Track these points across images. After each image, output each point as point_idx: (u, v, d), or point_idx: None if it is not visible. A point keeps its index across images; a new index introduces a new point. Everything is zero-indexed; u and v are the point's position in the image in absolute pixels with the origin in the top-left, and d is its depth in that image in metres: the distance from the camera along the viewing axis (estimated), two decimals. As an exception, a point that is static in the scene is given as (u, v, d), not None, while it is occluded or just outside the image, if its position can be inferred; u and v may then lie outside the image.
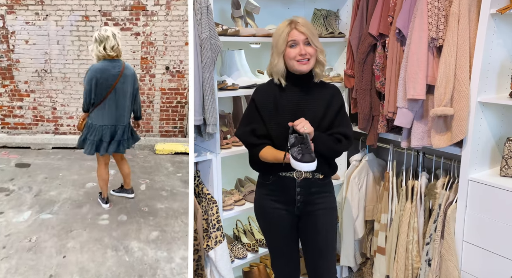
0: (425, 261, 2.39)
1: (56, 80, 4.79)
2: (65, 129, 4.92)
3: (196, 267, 2.32)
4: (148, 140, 4.76)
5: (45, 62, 4.73)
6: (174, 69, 4.69)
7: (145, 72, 4.70)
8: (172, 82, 4.71)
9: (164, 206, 3.27)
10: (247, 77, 2.49)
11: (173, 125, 4.89)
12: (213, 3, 2.14)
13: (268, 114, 1.87)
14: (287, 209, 1.96)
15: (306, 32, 1.81)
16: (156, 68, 4.68)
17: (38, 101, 4.84)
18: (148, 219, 3.07)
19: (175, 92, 4.76)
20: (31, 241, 2.74)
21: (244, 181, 2.85)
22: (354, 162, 2.88)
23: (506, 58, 2.19)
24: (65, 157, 4.48)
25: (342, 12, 2.85)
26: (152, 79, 4.72)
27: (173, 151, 4.56)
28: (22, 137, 4.80)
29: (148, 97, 4.77)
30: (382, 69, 2.47)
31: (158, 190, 3.60)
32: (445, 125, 2.20)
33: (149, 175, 3.96)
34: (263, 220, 2.06)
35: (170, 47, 4.61)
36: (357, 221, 2.87)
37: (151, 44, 4.62)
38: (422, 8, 2.14)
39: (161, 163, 4.34)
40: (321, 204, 1.96)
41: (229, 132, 2.57)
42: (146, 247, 2.71)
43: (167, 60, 4.66)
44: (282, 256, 2.06)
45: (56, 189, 3.58)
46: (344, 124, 1.92)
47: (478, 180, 2.17)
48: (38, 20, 4.57)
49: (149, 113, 4.83)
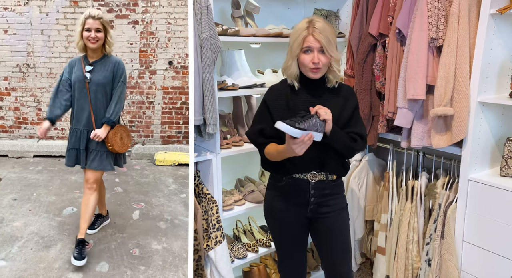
0: (425, 261, 2.39)
1: (41, 77, 4.10)
2: (52, 133, 4.17)
3: (196, 267, 2.32)
4: (147, 148, 4.06)
5: (27, 56, 4.05)
6: (179, 65, 3.99)
7: (145, 68, 4.01)
8: (176, 79, 4.01)
9: (161, 247, 2.48)
10: (247, 77, 2.49)
11: (176, 130, 4.17)
12: (213, 3, 2.13)
13: (279, 115, 1.85)
14: (298, 211, 1.95)
15: (322, 40, 1.75)
16: (158, 63, 4.01)
17: (20, 100, 4.17)
18: (137, 270, 2.24)
19: (179, 92, 4.05)
20: None
21: (244, 181, 2.85)
22: (354, 162, 2.88)
23: (506, 58, 2.19)
24: (46, 168, 3.75)
25: (342, 12, 2.85)
26: (153, 76, 4.05)
27: (176, 162, 3.85)
28: (2, 143, 4.13)
29: (148, 97, 4.09)
30: (382, 69, 2.47)
31: (156, 219, 2.83)
32: (445, 125, 2.20)
33: (145, 196, 3.20)
34: (274, 221, 2.04)
35: (174, 38, 3.91)
36: (357, 221, 2.87)
37: (152, 35, 3.94)
38: (422, 8, 2.14)
39: (161, 177, 3.57)
40: (334, 206, 1.95)
41: (229, 132, 2.57)
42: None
43: (171, 54, 3.97)
44: (291, 257, 2.06)
45: (23, 218, 2.77)
46: (358, 125, 1.91)
47: (478, 180, 2.17)
48: (19, 5, 3.90)
49: (149, 115, 4.14)
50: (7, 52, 4.06)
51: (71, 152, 2.37)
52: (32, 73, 4.12)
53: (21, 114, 4.22)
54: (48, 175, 3.61)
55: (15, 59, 4.10)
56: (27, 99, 4.20)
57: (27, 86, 4.16)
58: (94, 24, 2.22)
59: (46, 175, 3.62)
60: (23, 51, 4.08)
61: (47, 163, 3.90)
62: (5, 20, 3.96)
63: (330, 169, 1.89)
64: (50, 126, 2.30)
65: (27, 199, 3.11)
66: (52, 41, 4.06)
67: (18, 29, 4.02)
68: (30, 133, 4.31)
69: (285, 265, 2.09)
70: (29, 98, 4.19)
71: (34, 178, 3.53)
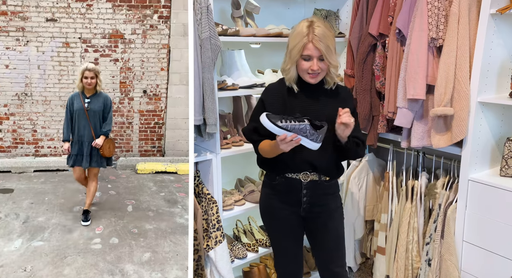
0: (425, 261, 2.39)
1: (37, 103, 4.85)
2: (46, 151, 4.98)
3: (196, 267, 2.32)
4: (129, 160, 5.01)
5: (25, 86, 4.79)
6: (151, 93, 5.02)
7: (124, 96, 5.00)
8: (149, 104, 5.05)
9: (152, 227, 3.36)
10: (247, 77, 2.49)
11: (151, 145, 5.19)
12: (213, 3, 2.14)
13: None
14: (292, 210, 1.96)
15: (322, 48, 1.74)
16: (135, 92, 5.00)
17: (18, 124, 4.86)
18: (138, 241, 3.12)
19: (152, 114, 5.09)
20: (26, 271, 2.68)
21: (244, 181, 2.85)
22: (354, 162, 2.87)
23: (506, 58, 2.19)
24: (48, 180, 4.43)
25: (342, 12, 2.85)
26: (131, 102, 5.02)
27: (154, 170, 4.81)
28: (2, 161, 4.72)
29: (128, 119, 5.06)
30: (382, 69, 2.47)
31: (145, 210, 3.70)
32: (445, 125, 2.20)
33: (134, 195, 4.06)
34: (268, 219, 2.06)
35: (147, 72, 4.96)
36: (357, 221, 2.87)
37: (129, 70, 4.94)
38: (422, 8, 2.14)
39: (144, 182, 4.49)
40: (327, 205, 1.96)
41: (229, 132, 2.57)
42: (141, 269, 2.75)
43: (145, 84, 5.00)
44: (286, 256, 2.07)
45: (44, 215, 3.53)
46: (358, 130, 1.91)
47: (478, 180, 2.17)
48: (19, 45, 4.68)
49: (129, 134, 5.12)
50: (7, 83, 4.75)
51: (74, 156, 3.32)
52: (29, 100, 4.84)
53: (18, 135, 4.92)
54: (52, 185, 4.29)
55: (14, 89, 4.78)
56: (24, 123, 4.90)
57: (24, 112, 4.87)
58: (89, 74, 3.21)
59: (49, 185, 4.30)
60: (22, 82, 4.79)
61: (46, 176, 4.60)
62: (7, 57, 4.70)
63: (322, 170, 1.90)
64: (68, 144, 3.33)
65: (41, 202, 3.81)
66: (48, 74, 4.81)
67: (18, 64, 4.73)
68: (26, 152, 4.97)
69: (281, 263, 2.10)
70: (26, 121, 4.90)
71: (40, 187, 4.21)
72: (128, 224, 3.41)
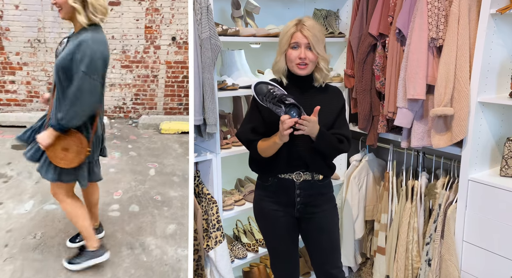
0: (425, 261, 2.39)
1: (51, 52, 4.18)
2: None
3: (196, 267, 2.32)
4: (152, 118, 4.36)
5: (38, 31, 4.12)
6: (181, 40, 4.19)
7: (150, 43, 4.22)
8: (178, 54, 4.26)
9: (178, 194, 2.92)
10: (247, 77, 2.49)
11: (178, 102, 4.48)
12: (213, 3, 2.14)
13: (268, 113, 1.87)
14: (286, 211, 1.96)
15: (310, 37, 1.78)
16: (162, 39, 4.19)
17: (32, 75, 4.27)
18: (162, 210, 2.73)
19: (181, 66, 4.31)
20: (36, 238, 2.43)
21: (244, 181, 2.85)
22: (354, 162, 2.88)
23: (506, 58, 2.19)
24: None
25: (342, 12, 2.85)
26: (157, 51, 4.26)
27: (180, 130, 4.21)
28: (17, 115, 4.27)
29: (153, 71, 4.33)
30: (382, 69, 2.47)
31: (169, 175, 3.26)
32: (445, 125, 2.20)
33: (157, 158, 3.60)
34: (263, 221, 2.06)
35: (178, 14, 4.10)
36: (357, 221, 2.87)
37: (157, 11, 4.09)
38: (422, 8, 2.14)
39: (168, 144, 3.94)
40: (322, 206, 1.96)
41: (229, 132, 2.57)
42: (164, 244, 2.41)
43: (174, 30, 4.16)
44: (281, 257, 2.06)
45: None
46: (344, 127, 1.93)
47: (478, 180, 2.17)
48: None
49: (153, 88, 4.39)
50: (18, 27, 4.16)
51: None
52: (42, 48, 4.23)
53: (32, 88, 4.36)
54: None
55: (26, 35, 4.17)
56: (38, 74, 4.31)
57: (38, 61, 4.26)
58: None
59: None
60: (34, 27, 4.14)
61: (63, 131, 4.29)
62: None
63: (315, 169, 1.90)
64: None
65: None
66: (62, 17, 4.22)
67: (29, 5, 4.05)
68: (42, 107, 4.39)
69: (277, 265, 2.10)
70: (40, 73, 4.32)
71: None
72: (150, 190, 3.00)
